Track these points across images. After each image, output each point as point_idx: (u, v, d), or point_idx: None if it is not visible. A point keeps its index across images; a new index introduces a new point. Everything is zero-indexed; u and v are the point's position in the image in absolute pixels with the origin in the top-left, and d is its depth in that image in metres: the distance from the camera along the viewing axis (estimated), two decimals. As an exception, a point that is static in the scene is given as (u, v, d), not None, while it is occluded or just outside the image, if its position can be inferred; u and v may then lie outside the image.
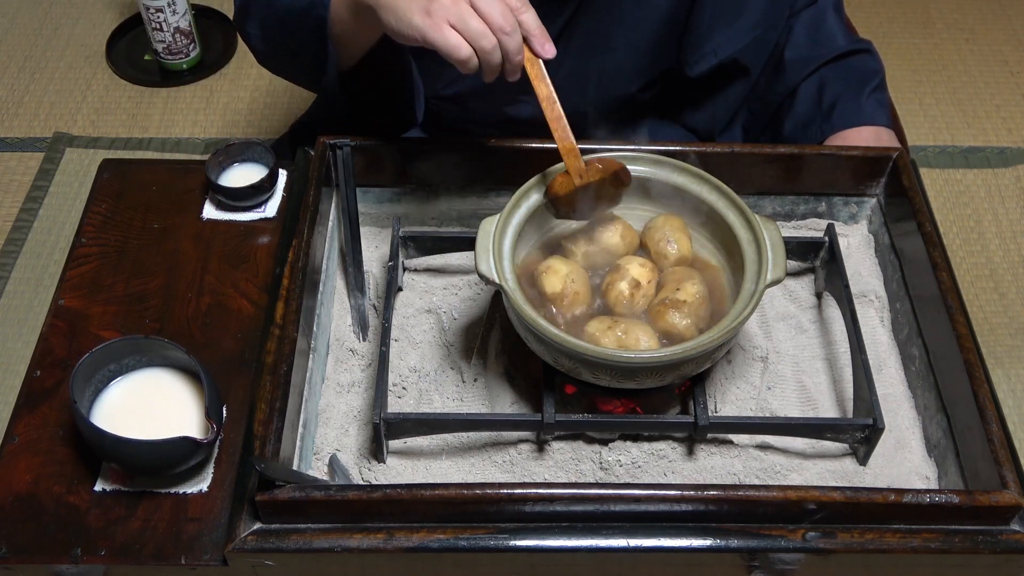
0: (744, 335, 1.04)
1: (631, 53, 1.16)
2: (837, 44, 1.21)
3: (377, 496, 0.80)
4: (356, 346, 1.03)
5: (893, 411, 0.99)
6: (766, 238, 0.91)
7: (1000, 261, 1.91)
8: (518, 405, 0.97)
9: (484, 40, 0.86)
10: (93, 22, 2.35)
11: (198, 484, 0.87)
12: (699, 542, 0.81)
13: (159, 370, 0.91)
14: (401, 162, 1.08)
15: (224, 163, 1.09)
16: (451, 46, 0.86)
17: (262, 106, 2.17)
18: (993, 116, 2.19)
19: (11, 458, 0.89)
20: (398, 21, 0.88)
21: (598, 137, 1.10)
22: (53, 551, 0.83)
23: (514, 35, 0.87)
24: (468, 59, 0.86)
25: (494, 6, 0.86)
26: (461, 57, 0.86)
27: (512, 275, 0.89)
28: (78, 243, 1.05)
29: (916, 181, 1.06)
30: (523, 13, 0.88)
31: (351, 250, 1.07)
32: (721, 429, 0.93)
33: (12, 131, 2.12)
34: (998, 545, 0.82)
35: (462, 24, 0.86)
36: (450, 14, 0.86)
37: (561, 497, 0.81)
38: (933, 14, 2.42)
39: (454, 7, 0.86)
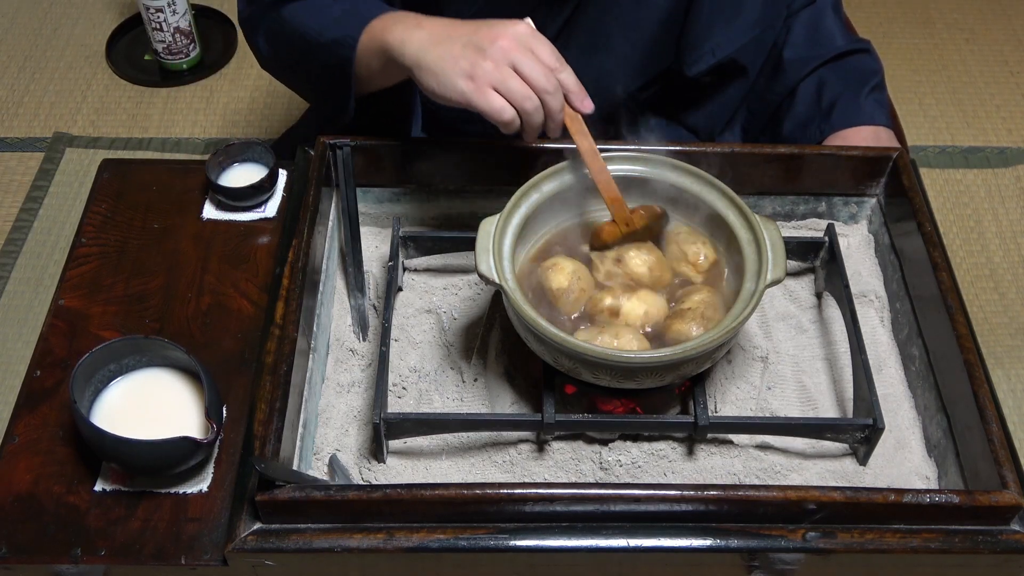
0: (744, 335, 1.04)
1: (630, 53, 1.16)
2: (836, 44, 1.21)
3: (377, 496, 0.80)
4: (356, 346, 1.03)
5: (893, 411, 0.99)
6: (766, 238, 0.91)
7: (1000, 261, 1.91)
8: (518, 405, 0.97)
9: (527, 102, 0.89)
10: (93, 22, 2.35)
11: (198, 484, 0.87)
12: (699, 542, 0.81)
13: (159, 370, 0.91)
14: (401, 162, 1.08)
15: (224, 163, 1.09)
16: (495, 109, 0.89)
17: (262, 106, 2.17)
18: (993, 116, 2.19)
19: (11, 458, 0.89)
20: (440, 85, 0.91)
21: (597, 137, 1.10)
22: (53, 551, 0.83)
23: (556, 95, 0.90)
24: (511, 121, 0.89)
25: (536, 68, 0.89)
26: (505, 119, 0.89)
27: (512, 275, 0.89)
28: (78, 243, 1.05)
29: (916, 181, 1.06)
30: (561, 72, 0.91)
31: (351, 250, 1.07)
32: (721, 429, 0.93)
33: (12, 131, 2.12)
34: (998, 545, 0.82)
35: (505, 87, 0.88)
36: (493, 78, 0.88)
37: (561, 497, 0.81)
38: (933, 14, 2.42)
39: (497, 71, 0.88)
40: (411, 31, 0.94)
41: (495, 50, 0.89)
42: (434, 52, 0.91)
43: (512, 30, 0.90)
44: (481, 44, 0.89)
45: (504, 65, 0.89)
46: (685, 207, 0.98)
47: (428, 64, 0.91)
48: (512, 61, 0.89)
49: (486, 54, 0.89)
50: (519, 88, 0.89)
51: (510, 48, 0.89)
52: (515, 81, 0.89)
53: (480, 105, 0.89)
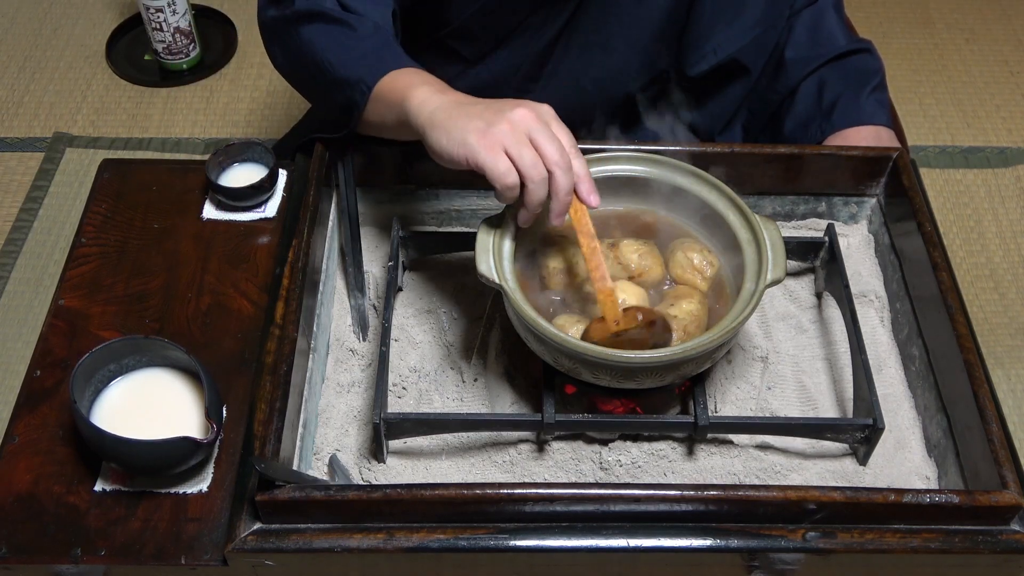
0: (744, 335, 1.04)
1: (631, 52, 1.16)
2: (837, 43, 1.21)
3: (377, 496, 0.80)
4: (356, 346, 1.03)
5: (893, 411, 0.99)
6: (766, 238, 0.91)
7: (1000, 261, 1.91)
8: (518, 405, 0.97)
9: (535, 171, 0.85)
10: (93, 22, 2.35)
11: (198, 484, 0.87)
12: (699, 542, 0.81)
13: (159, 370, 0.91)
14: (401, 162, 1.08)
15: (224, 163, 1.09)
16: (500, 171, 0.84)
17: (262, 106, 2.17)
18: (993, 116, 2.19)
19: (11, 458, 0.89)
20: (449, 141, 0.87)
21: (598, 137, 1.10)
22: (53, 551, 0.83)
23: (568, 174, 0.86)
24: (512, 187, 0.85)
25: (552, 142, 0.86)
26: (507, 183, 0.84)
27: (512, 275, 0.89)
28: (78, 243, 1.05)
29: (916, 181, 1.06)
30: (575, 157, 0.87)
31: (351, 250, 1.07)
32: (721, 429, 0.93)
33: (12, 131, 2.12)
34: (998, 545, 0.82)
35: (516, 151, 0.85)
36: (507, 140, 0.85)
37: (561, 497, 0.81)
38: (933, 14, 2.43)
39: (512, 134, 0.85)
40: (435, 94, 0.91)
41: (514, 116, 0.86)
42: (451, 112, 0.88)
43: (536, 106, 0.88)
44: (502, 110, 0.86)
45: (521, 131, 0.85)
46: (685, 207, 0.98)
47: (441, 122, 0.88)
48: (529, 130, 0.86)
49: (504, 117, 0.86)
50: (530, 156, 0.85)
51: (530, 119, 0.86)
52: (528, 149, 0.85)
53: (485, 162, 0.84)
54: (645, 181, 0.98)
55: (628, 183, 0.98)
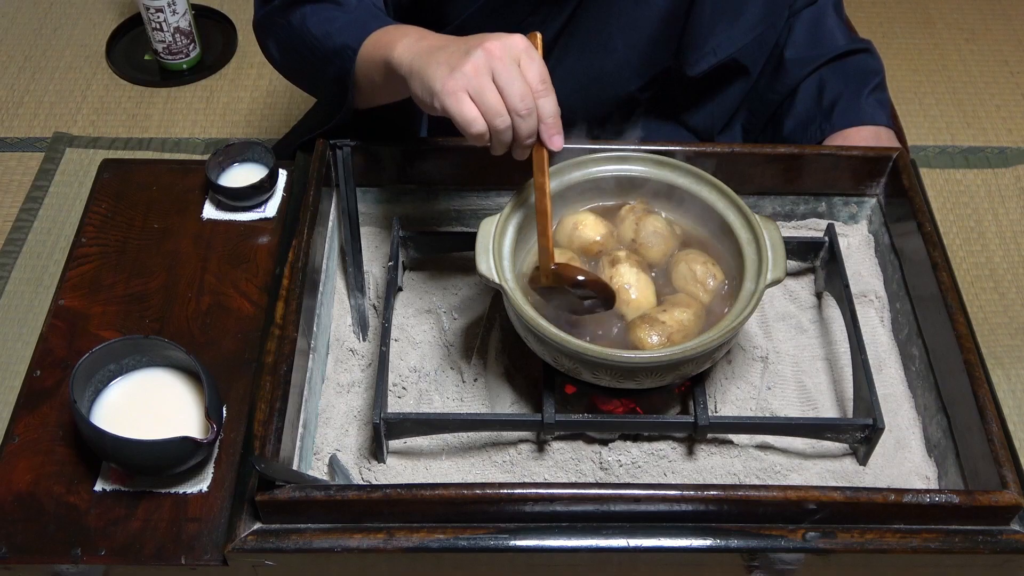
0: (744, 335, 1.04)
1: (630, 52, 1.16)
2: (837, 44, 1.21)
3: (377, 496, 0.80)
4: (356, 346, 1.03)
5: (893, 411, 0.99)
6: (766, 238, 0.91)
7: (1000, 261, 1.91)
8: (518, 405, 0.97)
9: (498, 119, 0.84)
10: (93, 22, 2.35)
11: (198, 484, 0.87)
12: (699, 542, 0.81)
13: (159, 370, 0.91)
14: (401, 162, 1.08)
15: (224, 163, 1.09)
16: (466, 120, 0.84)
17: (262, 106, 2.17)
18: (993, 116, 2.19)
19: (11, 458, 0.89)
20: (422, 88, 0.87)
21: (598, 137, 1.10)
22: (53, 551, 0.83)
23: (528, 119, 0.85)
24: (480, 135, 0.85)
25: (515, 84, 0.84)
26: (473, 132, 0.84)
27: (512, 275, 0.89)
28: (78, 243, 1.05)
29: (916, 181, 1.06)
30: (542, 97, 0.86)
31: (351, 250, 1.07)
32: (721, 429, 0.93)
33: (12, 131, 2.12)
34: (998, 545, 0.82)
35: (479, 97, 0.84)
36: (470, 84, 0.84)
37: (561, 497, 0.81)
38: (933, 14, 2.42)
39: (475, 77, 0.84)
40: (415, 42, 0.91)
41: (479, 54, 0.84)
42: (425, 57, 0.88)
43: (506, 39, 0.86)
44: (469, 48, 0.86)
45: (484, 72, 0.84)
46: (685, 207, 0.98)
47: (417, 69, 0.88)
48: (493, 68, 0.84)
49: (469, 57, 0.85)
50: (493, 102, 0.84)
51: (496, 55, 0.84)
52: (491, 94, 0.84)
53: (451, 111, 0.84)
54: (645, 181, 0.98)
55: (628, 183, 0.98)
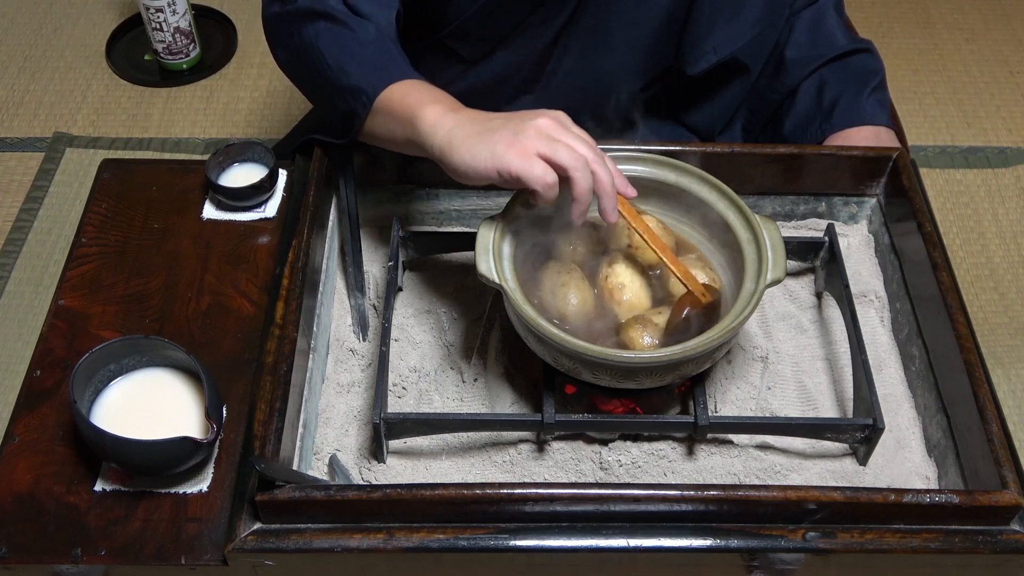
0: (744, 335, 1.04)
1: (631, 52, 1.16)
2: (837, 43, 1.21)
3: (377, 496, 0.80)
4: (356, 346, 1.03)
5: (893, 411, 0.99)
6: (766, 238, 0.91)
7: (1000, 261, 1.91)
8: (518, 405, 0.97)
9: (576, 161, 0.83)
10: (93, 22, 2.35)
11: (198, 484, 0.87)
12: (699, 542, 0.81)
13: (159, 370, 0.91)
14: (401, 162, 1.08)
15: (224, 163, 1.09)
16: (537, 173, 0.83)
17: (262, 106, 2.17)
18: (993, 116, 2.19)
19: (11, 458, 0.89)
20: (475, 157, 0.85)
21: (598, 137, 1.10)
22: (53, 551, 0.83)
23: (604, 167, 0.86)
24: (553, 185, 0.84)
25: (580, 140, 0.85)
26: (547, 182, 0.83)
27: (512, 275, 0.89)
28: (78, 243, 1.05)
29: (916, 181, 1.06)
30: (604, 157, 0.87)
31: (351, 250, 1.07)
32: (721, 429, 0.93)
33: (12, 131, 2.12)
34: (998, 545, 0.82)
35: (550, 151, 0.84)
36: (538, 144, 0.84)
37: (561, 497, 0.81)
38: (933, 14, 2.43)
39: (540, 139, 0.84)
40: (448, 112, 0.89)
41: (538, 123, 0.85)
42: (470, 129, 0.87)
43: (553, 112, 0.87)
44: (524, 118, 0.85)
45: (548, 135, 0.85)
46: (685, 207, 0.98)
47: (462, 141, 0.86)
48: (555, 134, 0.85)
49: (528, 125, 0.85)
50: (566, 151, 0.84)
51: (553, 125, 0.85)
52: (561, 146, 0.84)
53: (521, 168, 0.83)
54: (645, 181, 0.98)
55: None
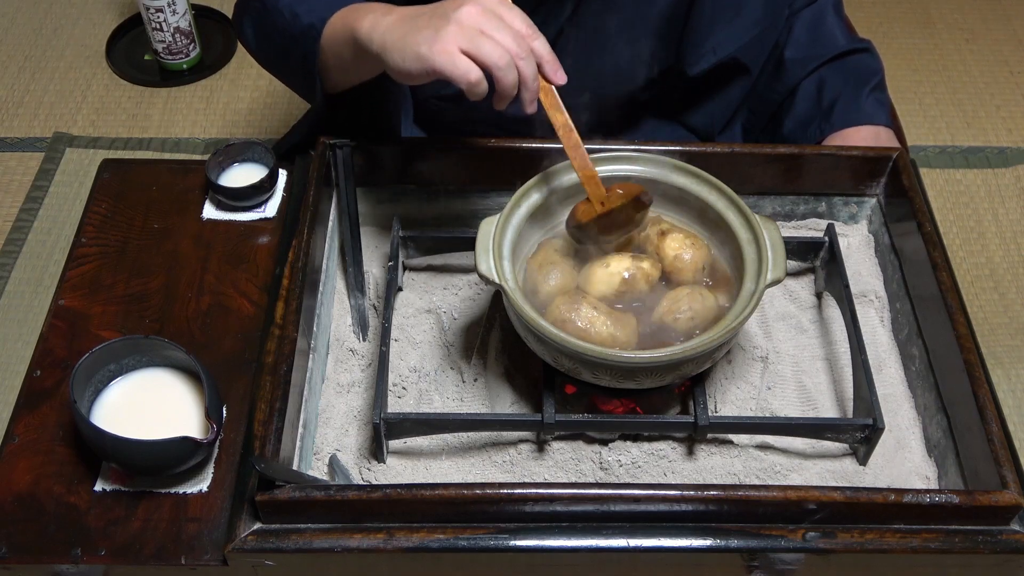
0: (744, 335, 1.04)
1: (631, 52, 1.16)
2: (837, 43, 1.21)
3: (377, 496, 0.80)
4: (356, 346, 1.03)
5: (893, 411, 0.99)
6: (766, 238, 0.91)
7: (1000, 261, 1.91)
8: (518, 405, 0.97)
9: (498, 58, 0.82)
10: (93, 22, 2.35)
11: (198, 484, 0.87)
12: (699, 542, 0.81)
13: (159, 370, 0.91)
14: (401, 162, 1.08)
15: (224, 163, 1.09)
16: (460, 70, 0.82)
17: (262, 106, 2.17)
18: (993, 116, 2.19)
19: (11, 458, 0.89)
20: (404, 58, 0.85)
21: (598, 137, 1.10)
22: (53, 551, 0.83)
23: (529, 60, 0.84)
24: (479, 82, 0.83)
25: (505, 32, 0.83)
26: (472, 79, 0.82)
27: (512, 275, 0.89)
28: (78, 243, 1.05)
29: (916, 181, 1.06)
30: (534, 40, 0.85)
31: (351, 250, 1.07)
32: (721, 429, 0.93)
33: (12, 131, 2.12)
34: (998, 545, 0.82)
35: (476, 49, 0.82)
36: (459, 40, 0.83)
37: (561, 497, 0.81)
38: (933, 14, 2.42)
39: (462, 33, 0.83)
40: (381, 18, 0.90)
41: (461, 14, 0.83)
42: (400, 29, 0.87)
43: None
44: (446, 12, 0.84)
45: (471, 28, 0.83)
46: (685, 207, 0.98)
47: (392, 42, 0.86)
48: (480, 25, 0.82)
49: (450, 19, 0.83)
50: (488, 46, 0.82)
51: (477, 13, 0.84)
52: (486, 42, 0.82)
53: (443, 65, 0.82)
54: (645, 181, 0.97)
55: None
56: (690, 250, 0.94)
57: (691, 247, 0.94)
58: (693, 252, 0.94)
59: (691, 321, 0.90)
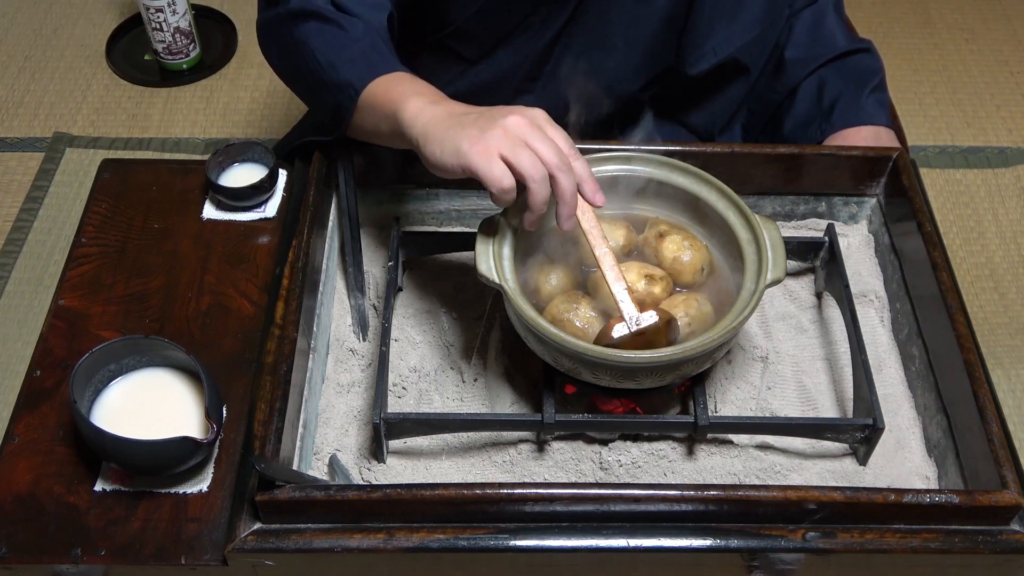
0: (744, 335, 1.04)
1: (631, 52, 1.16)
2: (837, 43, 1.21)
3: (377, 496, 0.80)
4: (356, 346, 1.03)
5: (893, 411, 0.99)
6: (766, 238, 0.91)
7: (1000, 261, 1.91)
8: (518, 405, 0.97)
9: (534, 170, 0.82)
10: (93, 22, 2.35)
11: (198, 484, 0.87)
12: (699, 542, 0.81)
13: (159, 370, 0.91)
14: (401, 162, 1.08)
15: (224, 163, 1.09)
16: (495, 175, 0.82)
17: (262, 106, 2.17)
18: (993, 116, 2.19)
19: (11, 458, 0.89)
20: (443, 151, 0.85)
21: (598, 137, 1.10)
22: (53, 551, 0.83)
23: (568, 175, 0.84)
24: (510, 190, 0.83)
25: (548, 145, 0.84)
26: (504, 186, 0.82)
27: (512, 275, 0.89)
28: (78, 243, 1.05)
29: (916, 181, 1.06)
30: (575, 159, 0.86)
31: (351, 250, 1.07)
32: (721, 429, 0.93)
33: (12, 131, 2.12)
34: (998, 545, 0.82)
35: (512, 154, 0.83)
36: (502, 145, 0.83)
37: (561, 497, 0.81)
38: (933, 14, 2.43)
39: (506, 139, 0.83)
40: (428, 105, 0.89)
41: (508, 122, 0.84)
42: (444, 122, 0.87)
43: (528, 110, 0.86)
44: (494, 116, 0.85)
45: (515, 137, 0.83)
46: (685, 207, 0.98)
47: (435, 134, 0.86)
48: (524, 135, 0.83)
49: (497, 124, 0.84)
50: (528, 158, 0.82)
51: (523, 124, 0.84)
52: (524, 151, 0.83)
53: (479, 166, 0.82)
54: (645, 181, 0.98)
55: (628, 183, 0.98)
56: (689, 251, 0.94)
57: (689, 248, 0.94)
58: (692, 253, 0.94)
59: (688, 327, 0.90)
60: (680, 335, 0.90)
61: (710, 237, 0.97)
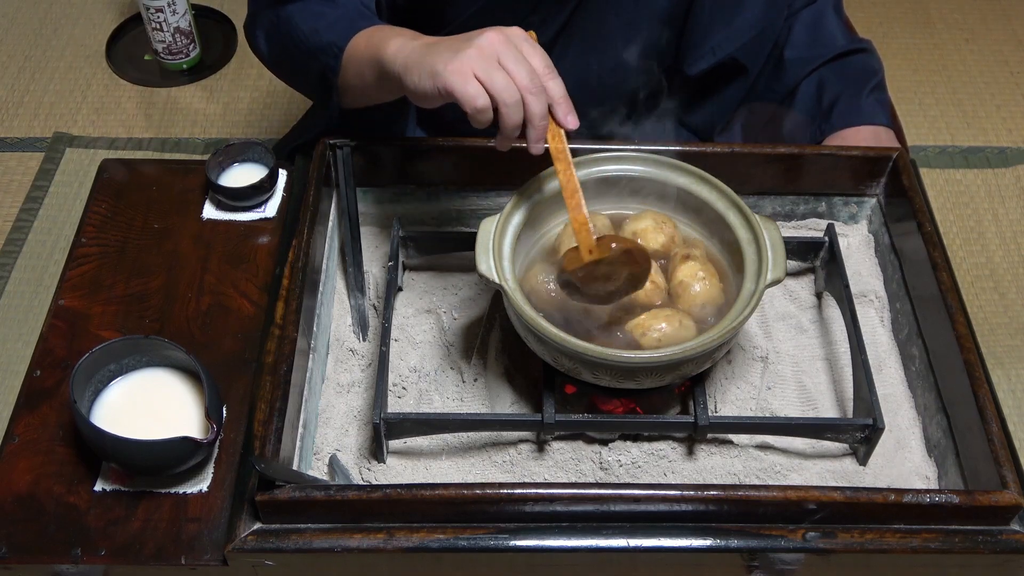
0: (744, 335, 1.04)
1: (630, 52, 1.16)
2: (837, 43, 1.21)
3: (377, 496, 0.80)
4: (356, 346, 1.03)
5: (893, 411, 0.99)
6: (766, 238, 0.91)
7: (1000, 261, 1.91)
8: (518, 405, 0.97)
9: (507, 93, 0.82)
10: (93, 22, 2.35)
11: (198, 484, 0.87)
12: (699, 542, 0.81)
13: (159, 370, 0.91)
14: (401, 162, 1.08)
15: (224, 163, 1.09)
16: (469, 94, 0.82)
17: (262, 106, 2.17)
18: (993, 116, 2.19)
19: (11, 458, 0.89)
20: (420, 76, 0.85)
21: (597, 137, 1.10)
22: (53, 551, 0.83)
23: (539, 97, 0.84)
24: (484, 109, 0.83)
25: (521, 65, 0.83)
26: (478, 105, 0.82)
27: (512, 275, 0.89)
28: (78, 243, 1.05)
29: (916, 181, 1.06)
30: (550, 79, 0.85)
31: (351, 250, 1.07)
32: (721, 429, 0.93)
33: (12, 131, 2.11)
34: (998, 545, 0.82)
35: (488, 77, 0.82)
36: (475, 64, 0.83)
37: (561, 497, 0.81)
38: (933, 14, 2.42)
39: (480, 59, 0.83)
40: (408, 41, 0.91)
41: (482, 40, 0.84)
42: (422, 51, 0.87)
43: (505, 30, 0.86)
44: (469, 37, 0.85)
45: (489, 56, 0.83)
46: (684, 207, 0.98)
47: (414, 63, 0.87)
48: (498, 54, 0.83)
49: (472, 43, 0.84)
50: (501, 79, 0.82)
51: (498, 42, 0.84)
52: (499, 73, 0.82)
53: (454, 86, 0.82)
54: (645, 181, 0.98)
55: (628, 183, 0.98)
56: (698, 284, 0.91)
57: (701, 280, 0.91)
58: (700, 287, 0.91)
59: (657, 342, 0.88)
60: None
61: (710, 237, 0.97)
